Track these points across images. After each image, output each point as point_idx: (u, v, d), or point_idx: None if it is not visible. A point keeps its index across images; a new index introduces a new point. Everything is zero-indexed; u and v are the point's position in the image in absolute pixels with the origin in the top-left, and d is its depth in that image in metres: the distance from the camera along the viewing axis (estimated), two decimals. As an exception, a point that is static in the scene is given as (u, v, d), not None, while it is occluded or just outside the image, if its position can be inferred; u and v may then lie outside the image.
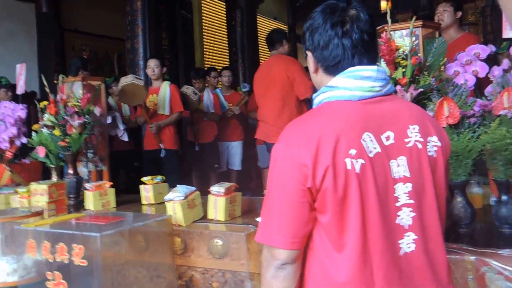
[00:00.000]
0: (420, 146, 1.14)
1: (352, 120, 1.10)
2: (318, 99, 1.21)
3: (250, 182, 6.37)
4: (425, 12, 8.25)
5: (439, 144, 1.18)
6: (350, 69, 1.16)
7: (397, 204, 1.11)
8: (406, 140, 1.14)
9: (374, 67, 1.16)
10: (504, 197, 1.75)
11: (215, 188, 2.32)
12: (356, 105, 1.13)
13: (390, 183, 1.10)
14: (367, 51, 1.17)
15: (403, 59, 1.94)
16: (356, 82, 1.14)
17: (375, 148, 1.09)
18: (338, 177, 1.05)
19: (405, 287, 1.10)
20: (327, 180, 1.05)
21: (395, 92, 1.54)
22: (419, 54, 1.97)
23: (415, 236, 1.12)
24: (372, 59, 1.19)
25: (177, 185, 2.36)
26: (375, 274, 1.07)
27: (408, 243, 1.11)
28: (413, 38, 1.96)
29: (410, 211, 1.12)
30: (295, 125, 1.15)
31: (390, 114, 1.15)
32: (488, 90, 1.82)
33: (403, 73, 1.90)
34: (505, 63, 1.90)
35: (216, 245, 2.15)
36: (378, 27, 2.20)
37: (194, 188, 2.39)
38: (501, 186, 1.76)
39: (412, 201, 1.12)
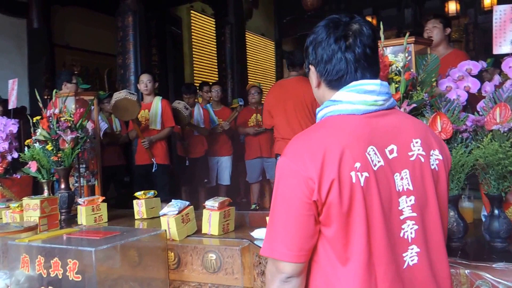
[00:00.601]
0: (422, 159, 1.16)
1: (357, 133, 1.11)
2: (321, 113, 1.21)
3: (238, 197, 6.39)
4: (409, 29, 8.42)
5: (440, 157, 1.19)
6: (353, 83, 1.16)
7: (401, 217, 1.12)
8: (409, 153, 1.15)
9: (378, 81, 1.17)
10: (496, 211, 1.78)
11: (209, 203, 2.33)
12: (360, 119, 1.14)
13: (394, 196, 1.11)
14: (369, 65, 1.18)
15: (396, 74, 1.98)
16: (359, 96, 1.14)
17: (379, 161, 1.10)
18: (343, 190, 1.05)
19: None
20: (333, 193, 1.05)
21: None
22: (411, 70, 2.01)
23: (418, 249, 1.13)
24: (375, 73, 1.20)
25: (172, 200, 2.36)
26: (380, 287, 1.08)
27: (411, 256, 1.12)
28: (406, 54, 2.00)
29: (413, 224, 1.12)
30: (300, 139, 1.15)
31: (393, 128, 1.16)
32: (480, 105, 1.86)
33: (396, 88, 1.94)
34: (496, 79, 1.94)
35: (210, 260, 2.15)
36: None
37: (187, 203, 2.40)
38: (493, 201, 1.79)
39: (414, 214, 1.13)
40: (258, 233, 2.12)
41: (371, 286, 1.08)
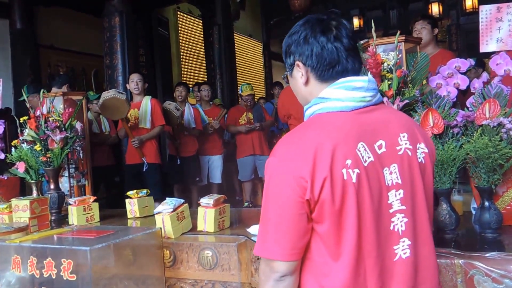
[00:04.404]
0: (410, 153, 1.18)
1: (346, 130, 1.12)
2: (310, 110, 1.21)
3: (229, 195, 6.42)
4: (395, 30, 8.53)
5: (426, 150, 1.22)
6: (341, 80, 1.17)
7: (391, 211, 1.13)
8: (397, 148, 1.17)
9: (365, 77, 1.18)
10: (487, 203, 1.83)
11: (205, 200, 2.34)
12: (349, 115, 1.14)
13: (384, 190, 1.13)
14: (356, 55, 1.20)
15: (388, 72, 2.02)
16: (348, 93, 1.15)
17: (369, 157, 1.11)
18: (336, 188, 1.06)
19: None
20: (325, 191, 1.06)
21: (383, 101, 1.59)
22: (403, 68, 2.05)
23: (409, 242, 1.15)
24: (361, 64, 1.23)
25: (166, 198, 2.36)
26: (368, 281, 1.10)
27: (403, 249, 1.14)
28: (397, 52, 2.04)
29: (403, 217, 1.14)
30: (289, 138, 1.15)
31: (381, 123, 1.18)
32: (469, 101, 1.91)
33: (389, 85, 1.97)
34: (484, 76, 2.00)
35: (206, 256, 2.16)
36: (363, 42, 2.28)
37: (182, 201, 2.40)
38: (484, 193, 1.84)
39: (404, 207, 1.14)
40: (255, 230, 2.14)
41: (359, 279, 1.09)
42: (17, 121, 3.13)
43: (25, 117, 3.10)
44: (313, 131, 1.13)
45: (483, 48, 2.19)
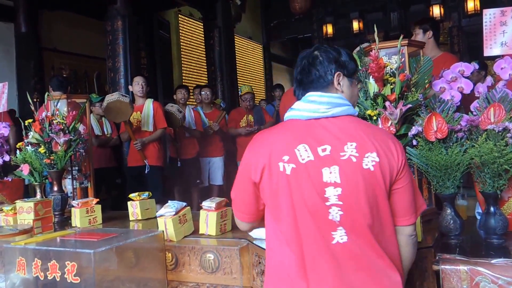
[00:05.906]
0: (354, 159, 1.37)
1: (294, 133, 1.43)
2: (284, 117, 1.53)
3: (230, 198, 6.40)
4: (395, 32, 8.53)
5: (377, 159, 1.37)
6: (306, 94, 1.49)
7: (327, 203, 1.36)
8: (342, 153, 1.38)
9: (319, 92, 1.47)
10: (492, 209, 1.81)
11: (206, 203, 2.34)
12: (303, 122, 1.45)
13: (321, 185, 1.36)
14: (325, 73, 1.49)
15: (390, 76, 2.01)
16: (305, 105, 1.47)
17: (308, 156, 1.38)
18: (272, 176, 1.39)
19: (339, 268, 1.34)
20: (265, 177, 1.41)
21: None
22: (406, 72, 2.05)
23: (345, 231, 1.35)
24: (330, 83, 1.49)
25: (169, 201, 2.36)
26: (306, 256, 1.35)
27: (341, 235, 1.35)
28: (400, 56, 2.03)
29: (338, 210, 1.35)
30: (257, 136, 1.53)
31: (332, 132, 1.41)
32: (474, 105, 1.90)
33: (392, 89, 1.97)
34: (489, 80, 1.99)
35: (208, 260, 2.16)
36: (365, 46, 2.28)
37: (184, 204, 2.40)
38: (489, 198, 1.82)
39: (340, 203, 1.35)
40: (257, 233, 2.13)
41: (298, 254, 1.35)
42: (22, 123, 3.14)
43: (30, 120, 3.11)
44: (270, 133, 1.50)
45: (487, 52, 2.18)
